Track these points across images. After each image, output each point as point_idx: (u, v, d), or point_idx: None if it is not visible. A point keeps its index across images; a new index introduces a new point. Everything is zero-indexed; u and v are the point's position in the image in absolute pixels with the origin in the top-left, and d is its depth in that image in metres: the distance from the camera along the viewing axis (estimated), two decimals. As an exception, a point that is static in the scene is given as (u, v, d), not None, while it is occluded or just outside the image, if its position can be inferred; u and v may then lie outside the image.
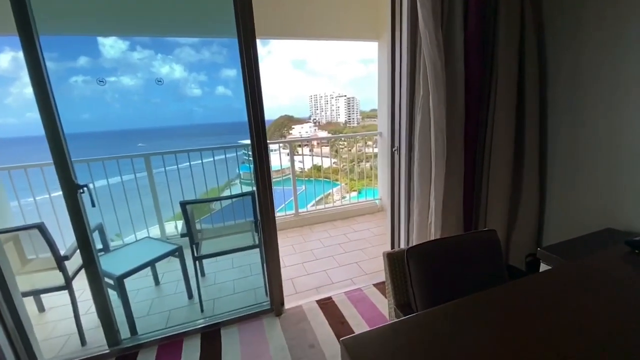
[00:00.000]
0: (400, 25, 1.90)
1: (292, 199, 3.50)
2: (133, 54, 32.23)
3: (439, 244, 1.16)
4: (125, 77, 11.99)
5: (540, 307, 0.84)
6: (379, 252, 2.69)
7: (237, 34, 1.59)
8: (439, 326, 0.80)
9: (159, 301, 2.19)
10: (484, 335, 0.75)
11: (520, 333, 0.75)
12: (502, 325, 0.79)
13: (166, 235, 3.08)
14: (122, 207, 2.92)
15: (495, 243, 1.22)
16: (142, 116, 30.98)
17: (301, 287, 2.26)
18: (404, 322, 0.82)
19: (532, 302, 0.87)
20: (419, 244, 1.13)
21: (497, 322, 0.80)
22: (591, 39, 1.60)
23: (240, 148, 3.66)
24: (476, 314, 0.84)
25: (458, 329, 0.78)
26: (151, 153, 2.84)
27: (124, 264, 1.87)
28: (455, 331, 0.77)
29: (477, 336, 0.75)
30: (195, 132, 25.12)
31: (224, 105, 48.05)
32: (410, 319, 0.83)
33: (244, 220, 2.97)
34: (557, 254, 1.39)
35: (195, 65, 35.56)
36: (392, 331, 0.78)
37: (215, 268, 2.53)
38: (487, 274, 1.17)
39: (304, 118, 22.76)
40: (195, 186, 3.04)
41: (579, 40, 1.65)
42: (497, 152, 1.90)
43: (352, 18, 3.40)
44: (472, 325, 0.79)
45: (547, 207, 1.96)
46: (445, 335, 0.76)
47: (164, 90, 19.51)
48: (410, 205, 2.07)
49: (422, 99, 1.82)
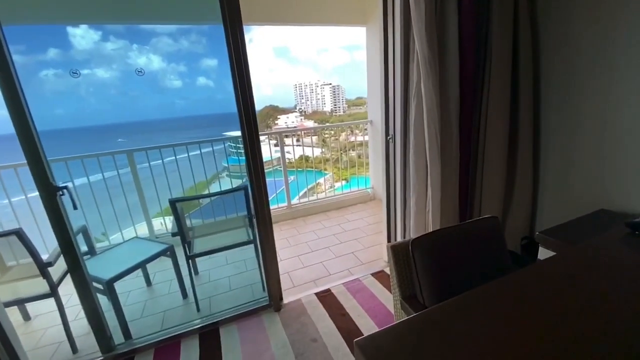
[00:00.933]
0: (393, 10, 1.83)
1: (283, 188, 3.44)
2: (106, 45, 30.77)
3: (443, 233, 1.14)
4: (99, 70, 11.47)
5: (552, 293, 0.83)
6: (375, 241, 2.69)
7: (222, 19, 1.49)
8: (453, 321, 0.77)
9: (152, 302, 2.12)
10: (500, 326, 0.74)
11: (536, 321, 0.74)
12: (517, 314, 0.77)
13: (154, 232, 2.98)
14: (106, 206, 2.79)
15: (498, 230, 1.21)
16: (120, 110, 29.83)
17: (299, 281, 2.23)
18: (417, 318, 0.79)
19: (543, 289, 0.86)
20: (424, 234, 1.11)
21: (511, 311, 0.78)
22: (584, 25, 1.59)
23: (226, 140, 3.55)
24: (489, 305, 0.82)
25: (473, 322, 0.76)
26: (135, 149, 2.71)
27: (113, 267, 1.78)
28: (470, 325, 0.75)
29: (494, 327, 0.73)
30: (178, 125, 24.40)
31: (206, 96, 46.67)
32: (422, 316, 0.80)
33: (236, 215, 2.91)
34: (555, 237, 1.40)
35: (174, 56, 34.18)
36: (406, 329, 0.76)
37: (208, 265, 2.46)
38: (491, 261, 1.17)
39: (289, 108, 22.43)
40: (182, 180, 2.93)
41: (572, 25, 1.63)
42: (491, 137, 1.89)
43: (338, 2, 3.29)
44: (486, 317, 0.77)
45: (541, 190, 1.98)
46: (460, 330, 0.74)
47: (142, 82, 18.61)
48: (406, 194, 2.05)
49: (416, 86, 1.78)
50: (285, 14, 3.12)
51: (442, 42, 1.74)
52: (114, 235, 3.02)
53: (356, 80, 43.01)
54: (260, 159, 1.70)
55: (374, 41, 3.35)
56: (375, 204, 3.65)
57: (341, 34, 44.35)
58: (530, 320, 0.74)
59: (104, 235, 2.97)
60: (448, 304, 0.82)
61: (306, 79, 32.86)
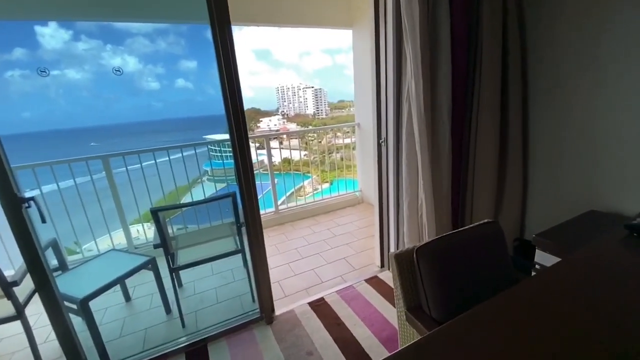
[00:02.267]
0: (385, 11, 1.80)
1: (269, 188, 3.34)
2: (78, 45, 29.41)
3: (446, 240, 1.10)
4: (70, 71, 10.88)
5: (566, 302, 0.80)
6: (366, 246, 2.64)
7: (210, 18, 1.40)
8: (470, 337, 0.72)
9: (132, 320, 1.97)
10: (520, 340, 0.69)
11: (556, 331, 0.70)
12: (534, 325, 0.73)
13: (133, 242, 2.80)
14: (78, 214, 2.59)
15: (500, 235, 1.18)
16: (93, 113, 28.54)
17: (290, 290, 2.14)
18: (432, 337, 0.74)
19: (557, 298, 0.83)
20: (428, 242, 1.06)
21: (528, 323, 0.74)
22: (571, 26, 1.61)
23: (210, 144, 3.41)
24: (504, 317, 0.78)
25: (490, 337, 0.72)
26: (111, 154, 2.53)
27: (88, 284, 1.63)
28: (488, 340, 0.71)
29: (514, 341, 0.69)
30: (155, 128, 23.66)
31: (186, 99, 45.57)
32: (437, 334, 0.75)
33: (222, 223, 2.78)
34: (552, 240, 1.40)
35: (151, 57, 33.05)
36: (424, 350, 0.70)
37: (193, 276, 2.33)
38: (495, 267, 1.14)
39: (271, 110, 22.22)
40: (163, 184, 2.78)
41: (558, 28, 1.66)
42: (482, 139, 1.89)
43: (324, 4, 3.25)
44: (503, 330, 0.73)
45: (530, 192, 2.01)
46: (479, 347, 0.69)
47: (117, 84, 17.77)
48: (399, 198, 2.02)
49: (409, 89, 1.75)
50: (271, 15, 3.04)
51: (434, 45, 1.72)
52: (87, 244, 2.81)
53: (338, 84, 43.38)
54: (250, 164, 1.61)
55: (362, 44, 3.33)
56: (364, 207, 3.62)
57: (323, 37, 44.68)
58: (550, 331, 0.70)
59: (77, 245, 2.76)
60: (460, 318, 0.77)
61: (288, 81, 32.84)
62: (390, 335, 1.62)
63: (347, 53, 3.65)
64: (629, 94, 1.47)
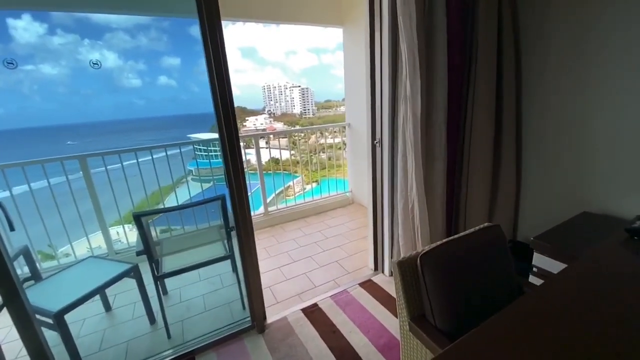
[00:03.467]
0: (380, 11, 1.75)
1: (258, 187, 3.24)
2: (53, 39, 28.13)
3: (450, 246, 1.05)
4: (45, 66, 10.35)
5: (582, 308, 0.77)
6: (358, 248, 2.60)
7: (198, 12, 1.30)
8: (487, 353, 0.68)
9: (113, 331, 1.84)
10: (543, 352, 0.65)
11: (574, 340, 0.67)
12: (551, 336, 0.69)
13: (113, 246, 2.64)
14: (52, 217, 2.42)
15: (502, 239, 1.15)
16: (70, 110, 27.38)
17: (282, 295, 2.06)
18: (447, 356, 0.69)
19: (570, 305, 0.80)
20: (431, 248, 1.02)
21: (545, 334, 0.71)
22: (563, 26, 1.61)
23: (192, 143, 3.29)
24: (520, 329, 0.74)
25: (508, 352, 0.67)
26: (88, 154, 2.37)
27: (63, 296, 1.50)
28: (507, 355, 0.66)
29: (535, 354, 0.65)
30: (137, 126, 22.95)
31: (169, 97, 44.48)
32: (452, 351, 0.70)
33: (209, 226, 2.67)
34: (551, 243, 1.39)
35: (132, 53, 31.90)
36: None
37: (179, 283, 2.21)
38: (499, 272, 1.11)
39: (257, 109, 21.97)
40: (145, 185, 2.64)
41: (549, 26, 1.65)
42: (477, 141, 1.87)
43: (314, 1, 3.18)
44: (522, 343, 0.69)
45: (523, 194, 2.01)
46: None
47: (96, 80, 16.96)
48: (394, 199, 1.98)
49: (404, 88, 1.71)
50: (260, 11, 2.95)
51: (431, 45, 1.69)
52: (63, 248, 2.64)
53: (325, 83, 43.37)
54: (241, 165, 1.53)
55: (353, 42, 3.28)
56: (354, 207, 3.58)
57: (309, 36, 44.51)
58: (569, 340, 0.67)
59: (51, 247, 2.58)
60: (474, 333, 0.72)
61: (275, 80, 32.54)
62: (388, 342, 1.58)
63: (334, 53, 3.61)
64: (620, 94, 1.48)
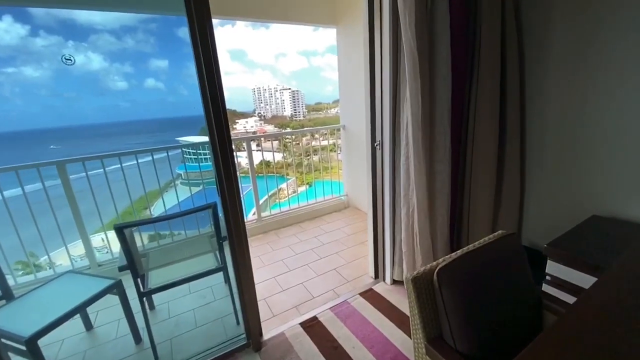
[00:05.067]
0: (381, 7, 1.66)
1: (250, 189, 3.10)
2: (36, 41, 27.31)
3: (468, 259, 0.96)
4: (26, 68, 10.00)
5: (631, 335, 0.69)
6: (357, 254, 2.50)
7: (186, 9, 1.19)
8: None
9: (94, 353, 1.69)
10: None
11: None
12: None
13: (96, 257, 2.47)
14: (26, 227, 2.23)
15: (521, 250, 1.07)
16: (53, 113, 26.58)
17: (278, 308, 1.94)
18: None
19: (618, 321, 0.72)
20: (449, 262, 0.92)
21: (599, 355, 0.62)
22: (567, 25, 1.55)
23: (179, 147, 3.15)
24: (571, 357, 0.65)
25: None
26: (67, 159, 2.21)
27: (37, 318, 1.35)
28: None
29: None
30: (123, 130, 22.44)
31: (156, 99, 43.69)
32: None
33: (199, 233, 2.54)
34: (565, 250, 1.31)
35: (118, 55, 31.12)
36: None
37: (167, 296, 2.05)
38: (519, 284, 1.02)
39: (248, 112, 21.79)
40: (131, 190, 2.48)
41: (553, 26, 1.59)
42: (481, 143, 1.80)
43: (308, 0, 3.09)
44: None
45: (528, 198, 1.94)
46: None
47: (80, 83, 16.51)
48: (395, 205, 1.89)
49: (409, 90, 1.62)
50: (252, 10, 2.84)
51: (433, 44, 1.61)
52: (41, 259, 2.46)
53: (315, 86, 43.37)
54: (234, 171, 1.41)
55: (347, 43, 3.20)
56: (350, 211, 3.48)
57: (299, 39, 44.45)
58: None
59: (26, 260, 2.39)
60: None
61: (265, 82, 32.40)
62: (394, 357, 1.48)
63: (323, 55, 3.51)
64: (629, 94, 1.42)
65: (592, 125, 1.57)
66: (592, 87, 1.53)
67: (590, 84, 1.54)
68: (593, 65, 1.51)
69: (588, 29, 1.50)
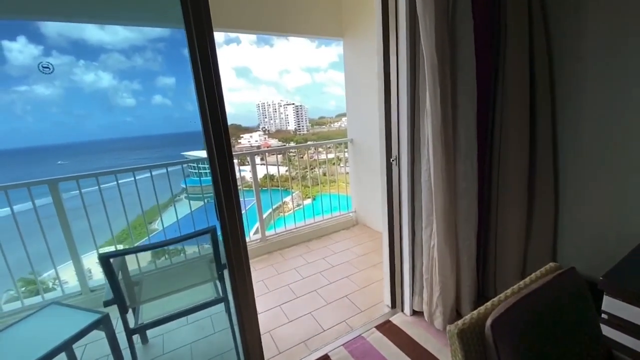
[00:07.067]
0: (396, 13, 1.53)
1: (253, 203, 2.94)
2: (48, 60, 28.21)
3: (526, 306, 0.77)
4: (38, 87, 10.21)
5: None
6: (370, 278, 2.29)
7: (185, 22, 1.07)
8: None
9: (76, 397, 1.49)
10: None
11: None
12: None
13: (88, 283, 2.29)
14: (16, 249, 2.09)
15: (583, 287, 0.88)
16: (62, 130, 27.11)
17: (284, 343, 1.74)
18: None
19: None
20: (504, 311, 0.74)
21: None
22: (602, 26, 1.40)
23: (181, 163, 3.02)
24: None
25: None
26: (60, 178, 2.08)
27: (13, 358, 1.18)
28: None
29: None
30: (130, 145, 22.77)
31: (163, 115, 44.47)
32: None
33: (198, 256, 2.37)
34: (624, 284, 1.11)
35: (127, 73, 31.96)
36: None
37: (162, 329, 1.85)
38: (584, 332, 0.83)
39: (252, 127, 22.04)
40: (129, 209, 2.34)
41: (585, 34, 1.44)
42: (509, 152, 1.63)
43: (314, 12, 3.01)
44: None
45: (561, 219, 1.74)
46: None
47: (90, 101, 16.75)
48: (414, 226, 1.71)
49: (429, 102, 1.47)
50: (258, 23, 2.76)
51: (455, 47, 1.47)
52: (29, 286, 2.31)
53: (318, 101, 43.98)
54: (235, 190, 1.25)
55: (355, 54, 3.10)
56: (359, 229, 3.29)
57: (302, 56, 45.45)
58: None
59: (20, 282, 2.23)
60: None
61: (269, 98, 32.91)
62: (420, 410, 1.26)
63: (326, 72, 3.42)
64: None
65: (633, 138, 1.39)
66: (630, 99, 1.36)
67: (635, 83, 1.36)
68: (630, 74, 1.34)
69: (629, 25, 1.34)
